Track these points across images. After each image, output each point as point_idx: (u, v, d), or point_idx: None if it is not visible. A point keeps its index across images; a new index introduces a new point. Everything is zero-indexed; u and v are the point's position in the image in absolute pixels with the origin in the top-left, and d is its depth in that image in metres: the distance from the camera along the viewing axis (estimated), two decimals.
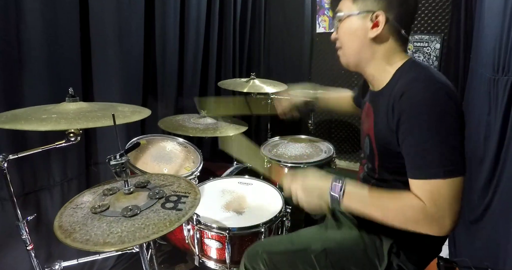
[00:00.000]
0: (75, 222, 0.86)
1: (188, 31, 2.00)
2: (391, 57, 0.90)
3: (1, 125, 0.84)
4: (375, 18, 0.86)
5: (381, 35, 0.87)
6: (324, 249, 0.98)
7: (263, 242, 1.07)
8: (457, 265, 1.44)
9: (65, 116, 0.91)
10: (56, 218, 0.88)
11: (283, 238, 1.10)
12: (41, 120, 0.87)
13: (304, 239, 1.04)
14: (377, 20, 0.86)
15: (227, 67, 2.44)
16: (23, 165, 1.26)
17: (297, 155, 1.81)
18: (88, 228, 0.83)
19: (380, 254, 0.97)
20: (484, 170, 1.47)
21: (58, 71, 1.32)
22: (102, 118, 0.92)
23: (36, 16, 1.22)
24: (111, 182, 1.07)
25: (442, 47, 2.30)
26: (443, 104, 0.76)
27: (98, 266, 1.57)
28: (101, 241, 0.78)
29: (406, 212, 0.79)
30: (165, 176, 1.11)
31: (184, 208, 0.91)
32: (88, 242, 0.78)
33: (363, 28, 0.88)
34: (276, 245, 1.03)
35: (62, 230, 0.82)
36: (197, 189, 1.01)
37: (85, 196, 0.99)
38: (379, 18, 0.86)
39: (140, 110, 1.10)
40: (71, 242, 0.78)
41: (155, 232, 0.81)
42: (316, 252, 0.97)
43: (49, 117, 0.90)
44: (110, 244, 0.77)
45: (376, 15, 0.86)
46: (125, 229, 0.82)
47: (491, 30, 1.45)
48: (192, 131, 1.65)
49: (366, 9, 0.87)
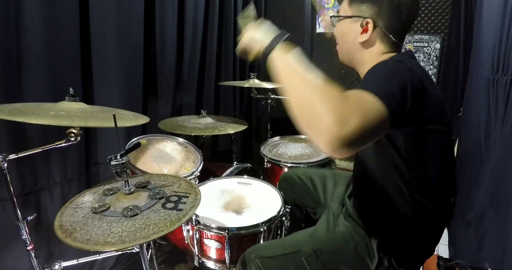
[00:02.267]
0: (76, 221, 0.86)
1: (187, 32, 2.00)
2: (382, 59, 0.92)
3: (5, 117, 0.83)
4: (365, 24, 0.90)
5: (370, 41, 0.92)
6: (315, 251, 0.98)
7: (255, 248, 1.07)
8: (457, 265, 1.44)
9: (69, 114, 0.92)
10: (57, 218, 0.88)
11: (275, 242, 1.10)
12: (48, 115, 0.88)
13: (295, 242, 1.04)
14: (366, 27, 0.90)
15: (227, 67, 2.45)
16: (23, 165, 1.26)
17: (297, 155, 1.82)
18: (89, 227, 0.83)
19: (371, 251, 0.97)
20: (484, 170, 1.47)
21: (58, 71, 1.32)
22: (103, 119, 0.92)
23: (36, 16, 1.22)
24: (112, 182, 1.08)
25: (442, 47, 2.30)
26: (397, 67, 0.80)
27: (98, 266, 1.57)
28: (102, 241, 0.78)
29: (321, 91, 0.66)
30: (166, 177, 1.11)
31: (184, 208, 0.91)
32: (88, 241, 0.78)
33: (354, 32, 0.93)
34: (268, 250, 1.03)
35: (62, 230, 0.83)
36: (197, 189, 1.01)
37: (86, 196, 1.00)
38: (369, 25, 0.90)
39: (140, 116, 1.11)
40: (71, 242, 0.78)
41: (155, 232, 0.81)
42: (307, 254, 0.98)
43: (57, 114, 0.90)
44: (111, 244, 0.77)
45: (366, 22, 0.90)
46: (125, 229, 0.82)
47: (491, 30, 1.45)
48: (191, 130, 1.66)
49: (358, 14, 0.92)
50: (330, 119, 0.58)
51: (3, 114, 0.84)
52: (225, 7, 2.32)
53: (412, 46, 2.39)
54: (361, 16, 0.90)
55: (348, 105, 0.62)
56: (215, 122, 1.82)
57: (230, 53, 2.42)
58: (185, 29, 1.99)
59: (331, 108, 0.60)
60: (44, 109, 0.93)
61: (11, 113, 0.86)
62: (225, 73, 2.44)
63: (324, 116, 0.59)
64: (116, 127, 0.88)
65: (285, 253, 1.00)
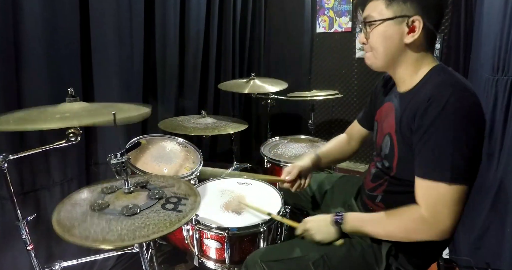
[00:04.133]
0: (74, 218, 0.85)
1: (188, 32, 2.01)
2: (422, 61, 0.91)
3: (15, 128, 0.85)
4: (411, 23, 0.85)
5: (417, 40, 0.87)
6: (322, 256, 0.97)
7: (261, 251, 1.06)
8: (457, 265, 1.44)
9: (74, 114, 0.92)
10: (54, 214, 0.87)
11: (281, 246, 1.10)
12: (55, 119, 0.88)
13: (302, 247, 1.03)
14: (414, 25, 0.85)
15: (227, 67, 2.45)
16: (23, 165, 1.26)
17: (297, 155, 1.81)
18: (87, 224, 0.82)
19: (378, 257, 0.96)
20: (484, 170, 1.47)
21: (58, 71, 1.32)
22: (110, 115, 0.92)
23: (35, 17, 1.22)
24: (111, 181, 1.07)
25: (442, 47, 2.30)
26: (468, 113, 0.78)
27: (98, 266, 1.57)
28: (101, 238, 0.78)
29: (407, 225, 0.84)
30: (165, 178, 1.11)
31: (184, 210, 0.91)
32: (87, 238, 0.78)
33: (399, 33, 0.87)
34: (274, 254, 1.02)
35: (61, 226, 0.82)
36: (197, 192, 1.01)
37: (83, 193, 0.99)
38: (416, 23, 0.85)
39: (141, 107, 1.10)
40: (69, 237, 0.78)
41: (155, 232, 0.81)
42: (314, 259, 0.97)
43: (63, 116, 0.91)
44: (110, 242, 0.77)
45: (413, 20, 0.85)
46: (125, 227, 0.82)
47: (491, 30, 1.45)
48: (191, 130, 1.66)
49: (402, 14, 0.85)
50: (432, 238, 0.81)
51: (10, 125, 0.85)
52: (226, 4, 2.32)
53: None
54: (406, 15, 0.85)
55: (432, 217, 0.79)
56: (215, 122, 1.82)
57: (229, 51, 2.42)
58: (187, 28, 1.99)
59: (426, 234, 0.81)
60: (49, 114, 0.93)
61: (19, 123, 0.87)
62: (224, 73, 2.44)
63: (426, 239, 0.82)
64: (115, 125, 0.88)
65: (291, 257, 0.99)
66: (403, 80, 0.95)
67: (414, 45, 0.88)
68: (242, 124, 1.80)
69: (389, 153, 0.98)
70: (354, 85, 2.74)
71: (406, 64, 0.91)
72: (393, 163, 0.96)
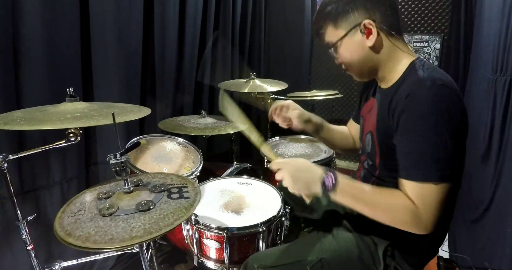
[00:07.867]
0: (86, 227, 0.83)
1: (187, 32, 2.00)
2: (396, 57, 0.92)
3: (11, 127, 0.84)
4: (364, 28, 0.88)
5: (378, 40, 0.89)
6: (320, 259, 0.97)
7: (258, 255, 1.06)
8: (457, 265, 1.44)
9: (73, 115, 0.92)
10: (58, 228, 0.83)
11: (278, 250, 1.08)
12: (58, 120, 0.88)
13: (299, 251, 1.02)
14: (368, 29, 0.88)
15: (226, 67, 2.44)
16: (23, 165, 1.26)
17: (297, 155, 1.82)
18: (105, 229, 0.81)
19: (376, 258, 0.96)
20: (484, 170, 1.47)
21: (58, 71, 1.32)
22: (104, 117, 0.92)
23: (35, 17, 1.22)
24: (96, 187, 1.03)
25: (442, 47, 2.30)
26: (447, 107, 0.77)
27: (98, 266, 1.57)
28: (127, 237, 0.78)
29: (395, 212, 0.81)
30: (153, 174, 1.12)
31: (190, 196, 0.94)
32: (113, 240, 0.77)
33: (359, 42, 0.90)
34: (271, 258, 1.02)
35: (76, 238, 0.79)
36: (190, 180, 1.04)
37: (84, 198, 0.97)
38: (367, 25, 0.87)
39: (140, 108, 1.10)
40: (92, 245, 0.76)
41: (176, 219, 0.84)
42: (312, 263, 0.96)
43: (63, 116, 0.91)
44: (138, 237, 0.78)
45: (364, 25, 0.87)
46: (146, 222, 0.83)
47: (491, 30, 1.45)
48: (191, 130, 1.66)
49: (352, 26, 0.89)
50: (415, 231, 0.80)
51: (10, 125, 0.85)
52: (226, 4, 2.32)
53: (412, 46, 2.39)
54: (357, 24, 0.88)
55: (423, 214, 0.78)
56: (215, 122, 1.82)
57: (228, 50, 2.41)
58: (187, 28, 1.99)
59: (412, 227, 0.80)
60: (49, 114, 0.93)
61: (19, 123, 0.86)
62: (223, 72, 2.44)
63: (409, 230, 0.80)
64: (115, 125, 0.88)
65: (289, 262, 0.99)
66: (383, 77, 0.97)
67: (379, 45, 0.90)
68: (242, 124, 1.80)
69: (371, 151, 0.99)
70: (354, 85, 2.74)
71: (381, 65, 0.93)
72: (376, 161, 0.98)
